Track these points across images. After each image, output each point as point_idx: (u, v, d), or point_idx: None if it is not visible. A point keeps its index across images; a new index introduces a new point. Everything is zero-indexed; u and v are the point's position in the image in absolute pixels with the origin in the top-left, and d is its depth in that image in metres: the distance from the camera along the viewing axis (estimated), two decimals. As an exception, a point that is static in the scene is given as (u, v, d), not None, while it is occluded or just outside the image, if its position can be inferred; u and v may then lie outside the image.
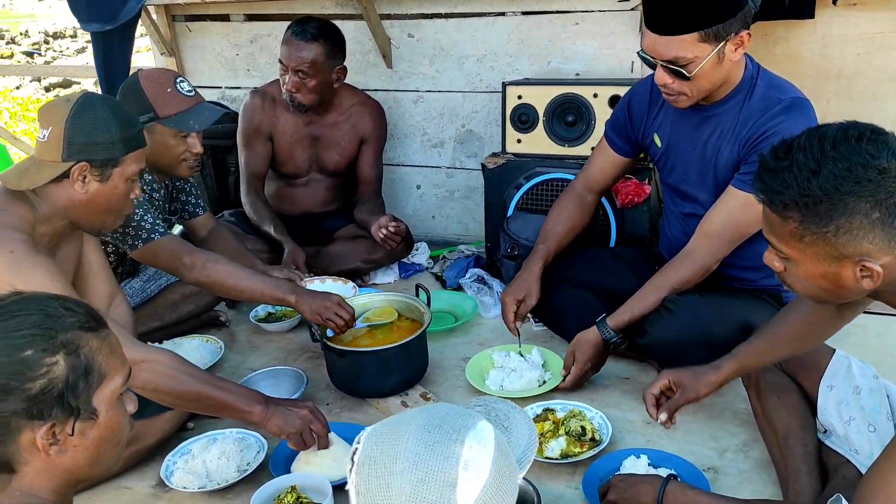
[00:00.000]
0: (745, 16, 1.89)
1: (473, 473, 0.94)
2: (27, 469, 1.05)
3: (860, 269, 1.23)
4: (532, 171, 2.81)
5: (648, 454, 1.86)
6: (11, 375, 1.01)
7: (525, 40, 3.09)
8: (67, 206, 1.80)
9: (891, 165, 1.17)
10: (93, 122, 1.74)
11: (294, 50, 2.80)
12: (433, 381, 2.36)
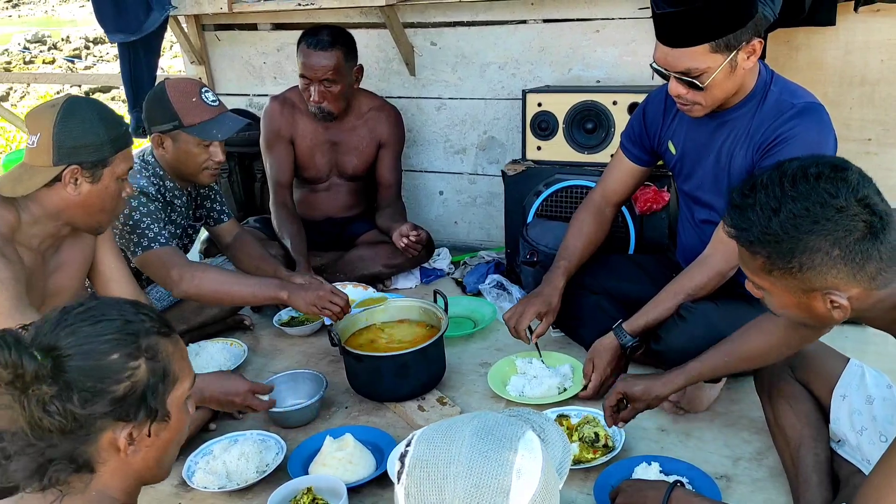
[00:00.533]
0: (757, 24, 1.89)
1: (525, 481, 0.97)
2: (104, 469, 1.09)
3: (830, 302, 1.25)
4: (552, 177, 2.83)
5: (660, 461, 1.87)
6: (100, 379, 1.05)
7: (546, 48, 3.11)
8: (61, 209, 1.86)
9: (849, 203, 1.19)
10: (80, 125, 1.80)
11: (315, 60, 2.85)
12: (451, 385, 2.39)
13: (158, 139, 2.40)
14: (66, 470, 1.04)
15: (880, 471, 1.25)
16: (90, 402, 1.03)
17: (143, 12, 3.34)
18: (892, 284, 1.26)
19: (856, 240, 1.21)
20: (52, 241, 1.93)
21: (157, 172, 2.46)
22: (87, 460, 1.06)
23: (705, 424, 2.12)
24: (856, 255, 1.21)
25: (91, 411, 1.03)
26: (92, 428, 1.05)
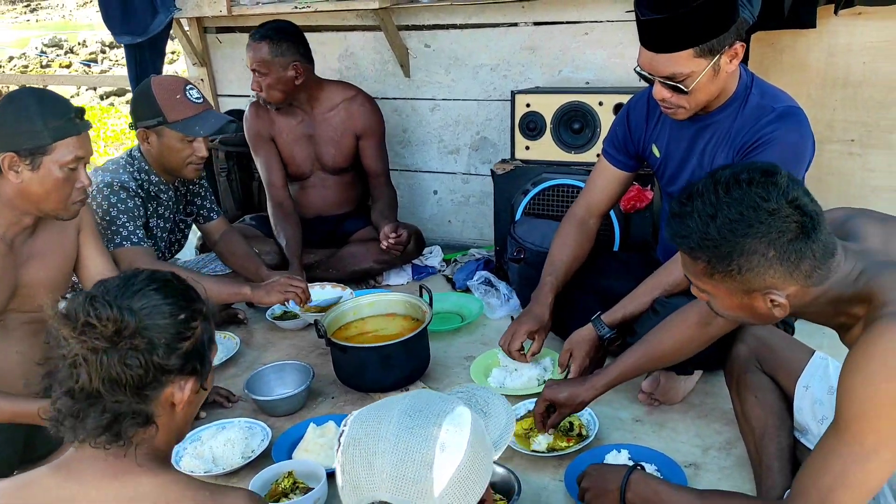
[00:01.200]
0: (738, 28, 1.92)
1: (449, 454, 1.02)
2: (160, 423, 1.18)
3: (770, 301, 1.30)
4: (539, 177, 2.89)
5: (630, 449, 1.94)
6: (173, 336, 1.16)
7: (537, 50, 3.18)
8: (12, 197, 1.89)
9: (781, 206, 1.24)
10: (15, 113, 1.83)
11: (249, 51, 2.95)
12: (434, 377, 2.45)
13: (143, 134, 2.48)
14: (135, 424, 1.13)
15: (817, 454, 1.31)
16: (167, 356, 1.14)
17: (149, 15, 3.43)
18: (826, 281, 1.31)
19: (789, 240, 1.26)
20: (16, 230, 1.95)
21: (142, 167, 2.53)
22: (149, 415, 1.16)
23: (679, 415, 2.17)
24: (790, 254, 1.27)
25: (167, 364, 1.14)
26: (161, 381, 1.15)
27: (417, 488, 1.00)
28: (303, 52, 2.99)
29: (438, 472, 1.00)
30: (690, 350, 1.84)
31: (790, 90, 2.82)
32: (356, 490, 1.02)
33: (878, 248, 1.39)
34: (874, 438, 1.24)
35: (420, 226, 3.57)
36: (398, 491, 1.00)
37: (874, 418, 1.24)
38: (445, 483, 1.01)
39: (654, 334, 1.87)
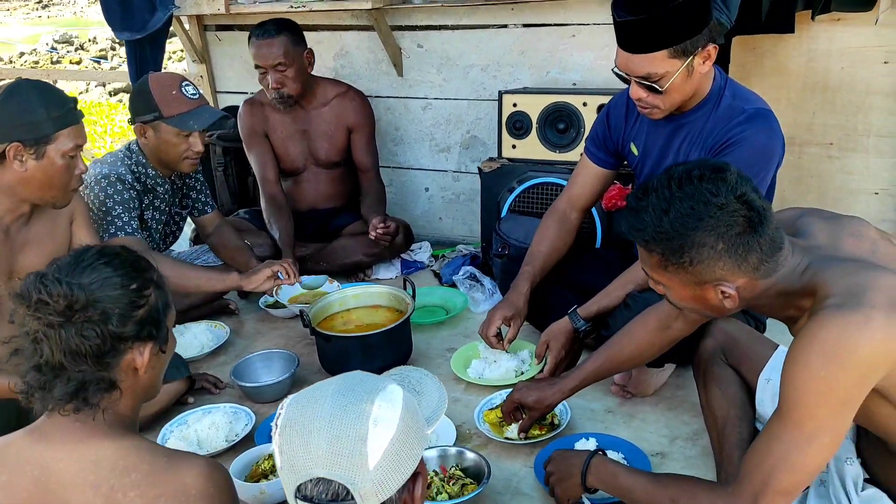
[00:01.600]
0: (712, 31, 1.98)
1: (382, 428, 1.07)
2: (123, 387, 1.26)
3: (720, 292, 1.37)
4: (524, 175, 2.96)
5: (598, 437, 2.01)
6: (125, 306, 1.23)
7: (526, 51, 3.25)
8: (13, 185, 1.97)
9: (729, 201, 1.32)
10: (18, 104, 1.91)
11: (266, 49, 3.00)
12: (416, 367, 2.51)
13: (141, 129, 2.56)
14: (100, 390, 1.22)
15: (761, 438, 1.38)
16: (122, 324, 1.22)
17: (147, 12, 3.51)
18: (774, 274, 1.38)
19: (737, 233, 1.33)
20: (13, 216, 2.03)
21: (139, 161, 2.61)
22: (113, 380, 1.24)
23: (650, 407, 2.24)
24: (738, 247, 1.34)
25: (122, 332, 1.22)
26: (119, 349, 1.24)
27: (352, 462, 1.04)
28: (305, 40, 3.11)
29: (372, 445, 1.05)
30: (652, 353, 1.92)
31: (771, 93, 2.92)
32: (294, 469, 1.07)
33: (825, 244, 1.46)
34: (813, 423, 1.31)
35: (411, 222, 3.64)
36: (334, 466, 1.04)
37: (813, 405, 1.31)
38: (379, 456, 1.05)
39: (617, 339, 1.94)
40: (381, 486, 1.06)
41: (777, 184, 3.03)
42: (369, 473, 1.05)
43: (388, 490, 1.07)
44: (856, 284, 1.33)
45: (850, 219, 1.53)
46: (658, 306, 1.83)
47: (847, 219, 1.53)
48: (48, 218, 2.16)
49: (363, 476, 1.05)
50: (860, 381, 1.29)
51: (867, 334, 1.27)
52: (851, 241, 1.46)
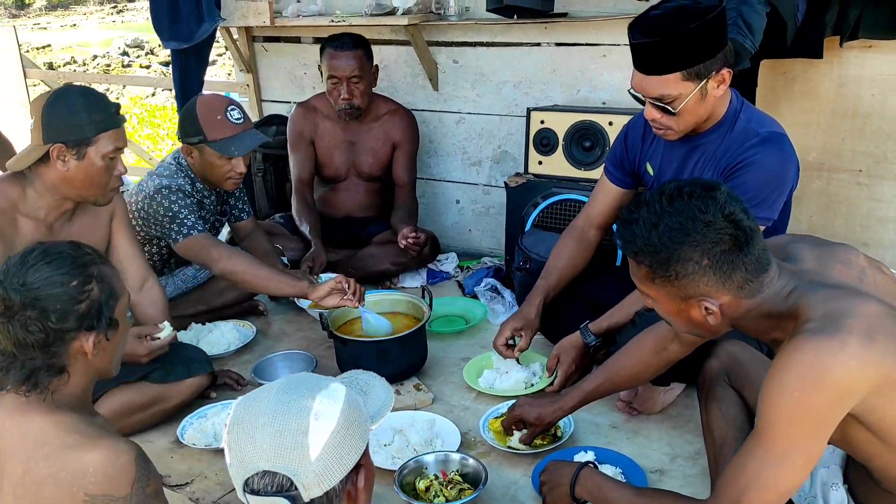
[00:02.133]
0: (726, 55, 2.01)
1: (323, 422, 1.13)
2: (73, 370, 1.40)
3: (704, 308, 1.41)
4: (549, 191, 3.01)
5: (596, 451, 2.04)
6: (66, 301, 1.36)
7: (557, 69, 3.30)
8: (56, 183, 2.11)
9: (716, 219, 1.35)
10: (64, 108, 2.05)
11: (343, 61, 3.14)
12: (430, 375, 2.59)
13: (187, 149, 2.69)
14: (47, 375, 1.37)
15: (737, 456, 1.41)
16: (62, 319, 1.35)
17: (195, 23, 3.67)
18: (759, 294, 1.41)
19: (722, 251, 1.37)
20: (57, 213, 2.17)
21: (189, 175, 2.75)
22: (62, 366, 1.39)
23: (654, 425, 2.26)
24: (723, 264, 1.37)
25: (63, 326, 1.36)
26: (65, 339, 1.37)
27: (295, 454, 1.10)
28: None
29: (313, 438, 1.11)
30: (648, 374, 1.95)
31: (801, 118, 2.92)
32: (241, 464, 1.13)
33: (812, 270, 1.48)
34: (786, 444, 1.33)
35: (442, 233, 3.73)
36: (278, 458, 1.11)
37: (787, 425, 1.33)
38: (321, 448, 1.11)
39: (615, 359, 1.97)
40: (323, 477, 1.12)
41: (805, 209, 3.05)
42: (311, 465, 1.11)
43: (331, 481, 1.13)
44: (836, 310, 1.35)
45: (839, 246, 1.55)
46: (655, 328, 1.86)
47: (837, 246, 1.55)
48: (90, 216, 2.30)
49: (305, 467, 1.11)
50: (834, 404, 1.31)
51: (841, 359, 1.29)
52: (839, 268, 1.49)
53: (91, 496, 1.29)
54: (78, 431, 1.34)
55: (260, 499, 1.13)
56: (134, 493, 1.31)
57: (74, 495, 1.29)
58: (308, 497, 1.13)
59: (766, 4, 2.40)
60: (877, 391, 1.32)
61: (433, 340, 2.77)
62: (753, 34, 2.45)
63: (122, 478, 1.30)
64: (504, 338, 2.38)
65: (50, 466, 1.30)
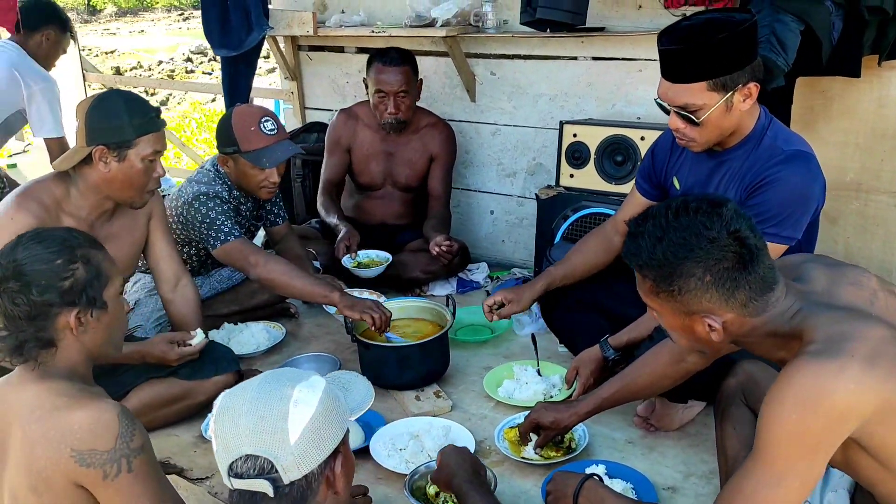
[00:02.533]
0: (755, 69, 1.99)
1: (302, 408, 1.21)
2: (62, 345, 1.50)
3: (707, 325, 1.41)
4: (579, 204, 3.02)
5: (608, 465, 2.04)
6: (50, 277, 1.47)
7: (593, 83, 3.31)
8: (98, 184, 2.21)
9: (721, 235, 1.35)
10: (106, 111, 2.15)
11: (391, 76, 3.20)
12: (451, 382, 2.62)
13: (223, 159, 2.77)
14: (35, 347, 1.48)
15: (735, 475, 1.41)
16: (44, 293, 1.46)
17: (244, 31, 3.79)
18: (764, 313, 1.41)
19: (725, 268, 1.37)
20: (97, 213, 2.27)
21: (226, 182, 2.82)
22: (50, 339, 1.49)
23: (671, 442, 2.25)
24: (726, 281, 1.37)
25: (45, 300, 1.46)
26: (49, 313, 1.47)
27: (275, 438, 1.18)
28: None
29: (293, 424, 1.19)
30: (664, 385, 1.96)
31: (838, 138, 2.89)
32: (227, 449, 1.21)
33: (821, 291, 1.47)
34: (783, 465, 1.33)
35: (475, 243, 3.77)
36: (259, 442, 1.18)
37: (784, 446, 1.32)
38: (299, 433, 1.19)
39: (633, 368, 1.99)
40: (302, 460, 1.20)
41: (841, 231, 3.00)
42: (290, 448, 1.18)
43: (309, 464, 1.20)
44: (839, 333, 1.34)
45: (852, 268, 1.54)
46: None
47: (849, 267, 1.54)
48: (129, 216, 2.40)
49: (285, 451, 1.18)
50: (832, 428, 1.30)
51: (840, 383, 1.28)
52: (850, 290, 1.47)
53: (77, 451, 1.39)
54: (67, 395, 1.45)
55: (243, 481, 1.20)
56: (117, 447, 1.40)
57: (62, 452, 1.39)
58: (288, 479, 1.20)
59: (799, 23, 2.38)
60: (877, 417, 1.30)
61: (458, 349, 2.80)
62: (786, 52, 2.43)
63: (105, 433, 1.40)
64: (493, 300, 2.47)
65: (41, 427, 1.41)
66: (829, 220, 3.03)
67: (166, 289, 2.54)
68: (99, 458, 1.39)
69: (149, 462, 1.45)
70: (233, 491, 1.25)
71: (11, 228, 2.09)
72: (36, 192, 2.21)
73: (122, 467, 1.40)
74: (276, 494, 1.21)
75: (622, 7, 3.16)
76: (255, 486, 1.21)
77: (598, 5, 3.18)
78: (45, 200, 2.20)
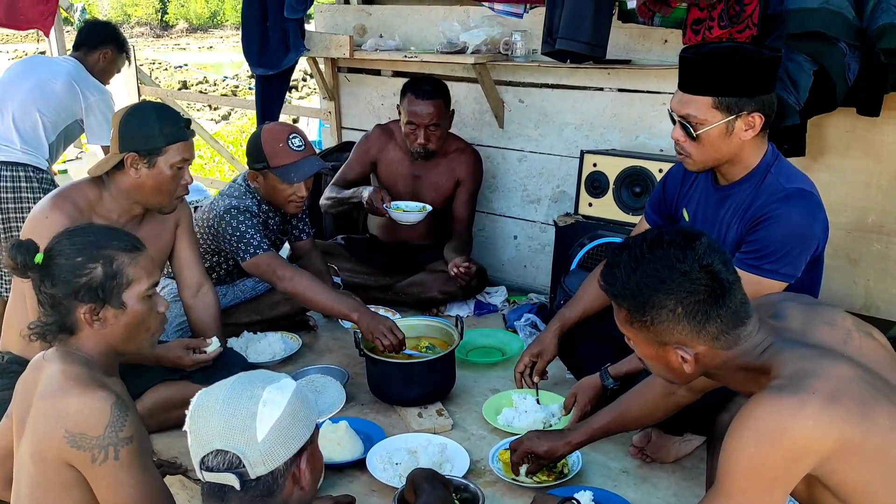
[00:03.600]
0: (765, 103, 2.01)
1: (270, 408, 1.29)
2: (81, 334, 1.63)
3: (680, 356, 1.43)
4: (595, 232, 3.05)
5: (595, 492, 2.06)
6: (68, 272, 1.59)
7: (618, 114, 3.35)
8: (129, 189, 2.33)
9: (693, 269, 1.38)
10: (137, 120, 2.28)
11: (423, 108, 3.27)
12: (455, 402, 2.66)
13: (253, 174, 2.88)
14: (55, 331, 1.62)
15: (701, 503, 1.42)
16: (58, 287, 1.60)
17: (282, 52, 3.94)
18: (736, 347, 1.43)
19: (697, 301, 1.39)
20: (128, 217, 2.39)
21: (256, 196, 2.94)
22: (70, 326, 1.62)
23: (665, 474, 2.26)
24: (697, 314, 1.40)
25: (59, 292, 1.60)
26: (67, 304, 1.60)
27: (244, 435, 1.26)
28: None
29: (261, 422, 1.27)
30: (656, 416, 1.98)
31: (860, 178, 2.87)
32: (199, 444, 1.29)
33: (795, 328, 1.49)
34: (741, 496, 1.35)
35: (497, 267, 3.82)
36: (228, 439, 1.27)
37: (742, 478, 1.35)
38: (266, 431, 1.27)
39: (626, 398, 2.01)
40: (268, 457, 1.28)
41: (862, 273, 2.97)
42: (258, 445, 1.26)
43: (275, 461, 1.28)
44: (804, 370, 1.36)
45: (827, 307, 1.55)
46: None
47: (825, 307, 1.55)
48: (157, 222, 2.52)
49: (252, 447, 1.26)
50: (790, 463, 1.32)
51: (799, 420, 1.30)
52: (825, 329, 1.48)
53: (70, 433, 1.49)
54: (74, 379, 1.55)
55: (213, 475, 1.29)
56: (106, 435, 1.49)
57: (57, 431, 1.50)
58: (255, 474, 1.28)
59: (813, 63, 2.39)
60: (837, 455, 1.31)
61: (468, 369, 2.85)
62: (798, 91, 2.45)
63: (96, 420, 1.49)
64: (523, 364, 2.47)
65: (45, 404, 1.54)
66: (850, 261, 3.00)
67: (188, 294, 2.65)
68: (88, 443, 1.49)
69: (137, 453, 1.53)
70: (204, 483, 1.33)
71: (45, 225, 2.24)
72: (71, 194, 2.35)
73: (110, 454, 1.49)
74: (242, 488, 1.29)
75: (648, 41, 3.20)
76: (224, 479, 1.29)
77: (624, 38, 3.23)
78: (79, 202, 2.33)
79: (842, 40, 2.39)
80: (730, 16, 2.61)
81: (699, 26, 2.64)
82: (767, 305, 1.57)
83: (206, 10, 33.12)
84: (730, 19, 2.59)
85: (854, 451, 1.31)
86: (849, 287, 3.01)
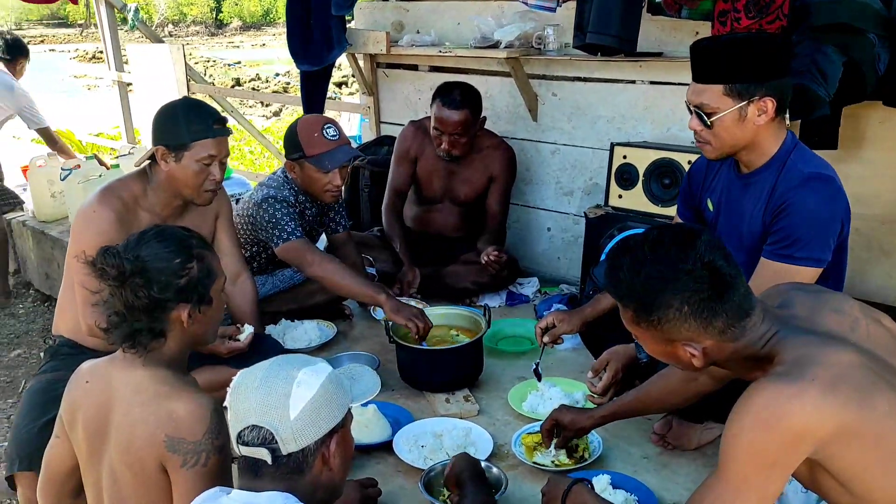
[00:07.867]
0: (777, 87, 2.03)
1: (304, 389, 1.37)
2: (171, 336, 1.64)
3: (689, 352, 1.47)
4: (624, 224, 3.08)
5: (613, 475, 2.11)
6: (169, 275, 1.61)
7: (650, 107, 3.37)
8: (164, 182, 2.43)
9: (696, 267, 1.41)
10: (167, 116, 2.39)
11: (448, 116, 3.32)
12: (482, 389, 2.73)
13: (290, 165, 2.98)
14: (148, 336, 1.61)
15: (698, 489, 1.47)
16: (164, 290, 1.60)
17: (325, 49, 4.04)
18: (742, 339, 1.46)
19: (702, 299, 1.42)
20: (169, 209, 2.51)
21: (294, 187, 3.04)
22: (161, 330, 1.62)
23: (686, 461, 2.29)
24: (703, 311, 1.43)
25: (164, 296, 1.60)
26: (165, 307, 1.61)
27: (278, 413, 1.34)
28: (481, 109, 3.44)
29: (294, 401, 1.35)
30: (675, 401, 2.02)
31: (891, 171, 2.83)
32: (237, 419, 1.38)
33: (801, 316, 1.51)
34: (740, 480, 1.39)
35: (532, 259, 3.87)
36: (264, 415, 1.35)
37: (741, 462, 1.38)
38: (299, 410, 1.34)
39: (649, 382, 2.05)
40: (299, 435, 1.35)
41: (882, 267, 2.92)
42: (290, 423, 1.34)
43: (306, 440, 1.36)
44: (805, 356, 1.39)
45: (834, 294, 1.57)
46: None
47: (832, 294, 1.57)
48: (198, 213, 2.64)
49: (285, 424, 1.34)
50: (788, 448, 1.35)
51: (797, 405, 1.33)
52: (832, 317, 1.51)
53: (170, 437, 1.53)
54: (168, 383, 1.60)
55: (248, 448, 1.38)
56: (203, 440, 1.53)
57: (157, 436, 1.54)
58: (286, 451, 1.37)
59: (841, 54, 2.38)
60: (836, 440, 1.34)
61: (497, 357, 2.92)
62: (828, 83, 2.44)
63: (197, 425, 1.53)
64: (546, 322, 2.51)
65: (143, 411, 1.57)
66: (885, 253, 2.97)
67: (227, 283, 2.76)
68: (184, 447, 1.52)
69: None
70: (239, 457, 1.42)
71: (94, 219, 2.37)
72: (118, 188, 2.48)
73: (200, 460, 1.52)
74: (274, 463, 1.37)
75: (679, 33, 3.20)
76: (257, 453, 1.37)
77: (656, 31, 3.24)
78: (124, 196, 2.46)
79: (870, 31, 2.38)
80: (759, 7, 2.61)
81: (725, 17, 2.64)
82: (774, 295, 1.60)
83: (260, 8, 33.71)
84: (758, 10, 2.59)
85: (853, 437, 1.34)
86: (883, 279, 2.99)
